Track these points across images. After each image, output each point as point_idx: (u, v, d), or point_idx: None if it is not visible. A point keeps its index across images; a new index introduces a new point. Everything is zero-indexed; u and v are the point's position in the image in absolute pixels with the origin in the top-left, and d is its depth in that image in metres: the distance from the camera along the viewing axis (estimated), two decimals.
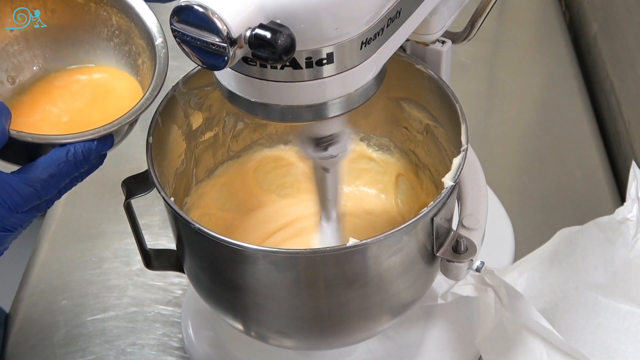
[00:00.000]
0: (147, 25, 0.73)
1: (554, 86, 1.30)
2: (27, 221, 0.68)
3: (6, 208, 0.65)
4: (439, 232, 0.72)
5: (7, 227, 0.66)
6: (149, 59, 0.74)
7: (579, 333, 0.87)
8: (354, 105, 0.66)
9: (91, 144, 0.69)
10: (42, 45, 0.75)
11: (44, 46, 0.75)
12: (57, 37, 0.75)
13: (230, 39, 0.56)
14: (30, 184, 0.66)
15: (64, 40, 0.76)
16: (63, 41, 0.76)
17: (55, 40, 0.75)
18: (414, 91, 0.84)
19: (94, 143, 0.69)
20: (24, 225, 0.68)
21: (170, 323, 0.98)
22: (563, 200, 1.10)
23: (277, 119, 0.65)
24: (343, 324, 0.76)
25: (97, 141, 0.69)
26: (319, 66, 0.61)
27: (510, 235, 1.03)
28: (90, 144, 0.69)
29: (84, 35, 0.76)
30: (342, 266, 0.70)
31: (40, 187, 0.66)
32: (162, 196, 0.71)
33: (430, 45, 0.82)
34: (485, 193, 0.78)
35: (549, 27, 1.40)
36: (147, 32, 0.73)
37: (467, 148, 0.73)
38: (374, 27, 0.62)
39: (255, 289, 0.73)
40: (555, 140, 1.20)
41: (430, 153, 0.88)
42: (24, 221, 0.68)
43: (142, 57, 0.76)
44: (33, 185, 0.66)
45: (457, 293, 0.86)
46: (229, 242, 0.67)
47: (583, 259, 0.90)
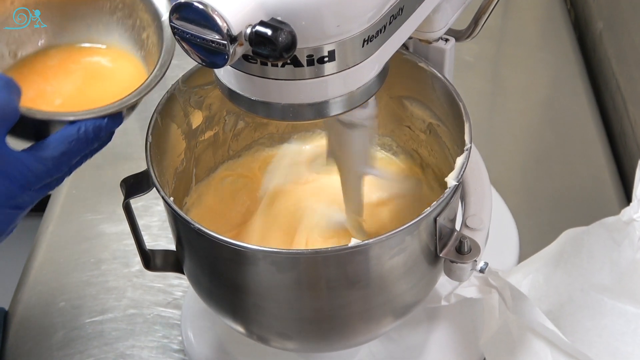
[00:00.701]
0: (152, 0, 0.74)
1: (559, 84, 1.30)
2: (37, 199, 0.68)
3: (18, 185, 0.65)
4: (442, 232, 0.72)
5: (19, 205, 0.67)
6: (155, 34, 0.74)
7: (585, 335, 0.87)
8: (355, 103, 0.66)
9: (101, 121, 0.68)
10: (43, 20, 0.75)
11: (45, 20, 0.75)
12: (59, 11, 0.75)
13: (231, 37, 0.56)
14: (42, 161, 0.66)
15: (65, 14, 0.76)
16: (65, 15, 0.76)
17: (57, 14, 0.75)
18: (417, 90, 0.84)
19: (104, 120, 0.69)
20: (34, 203, 0.68)
21: (170, 325, 0.98)
22: (568, 201, 1.10)
23: (278, 117, 0.65)
24: (345, 326, 0.76)
25: (107, 118, 0.69)
26: (320, 64, 0.61)
27: (515, 236, 1.03)
28: (100, 121, 0.68)
29: (86, 9, 0.76)
30: (344, 267, 0.70)
31: (52, 165, 0.67)
32: (162, 196, 0.71)
33: (434, 43, 0.82)
34: (489, 193, 0.78)
35: (554, 24, 1.40)
36: (153, 7, 0.73)
37: (470, 147, 0.73)
38: (376, 25, 0.62)
39: (256, 290, 0.73)
40: (560, 140, 1.20)
41: (434, 152, 0.88)
42: (35, 199, 0.68)
43: (146, 32, 0.75)
44: (45, 163, 0.66)
45: (461, 294, 0.86)
46: (229, 242, 0.67)
47: (589, 260, 0.90)
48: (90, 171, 0.71)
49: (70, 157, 0.68)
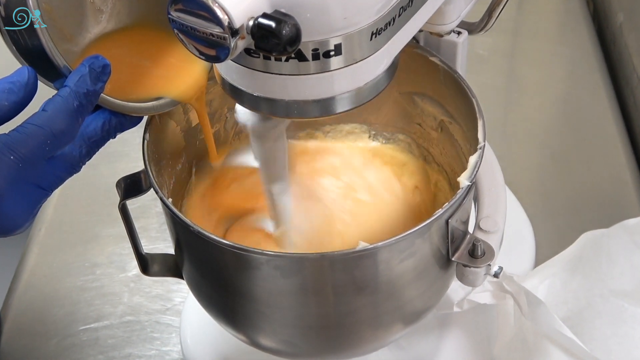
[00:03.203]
0: None
1: (577, 80, 1.30)
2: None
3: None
4: (455, 235, 0.72)
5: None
6: None
7: (604, 343, 0.87)
8: (363, 100, 0.66)
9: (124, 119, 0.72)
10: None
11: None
12: None
13: (232, 29, 0.56)
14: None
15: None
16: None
17: None
18: (428, 85, 0.84)
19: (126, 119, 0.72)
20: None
21: (169, 333, 0.98)
22: (587, 202, 1.10)
23: (282, 114, 0.65)
24: (352, 333, 0.76)
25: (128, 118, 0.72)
26: (326, 58, 0.61)
27: (531, 239, 1.03)
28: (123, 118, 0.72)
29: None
30: (351, 271, 0.70)
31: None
32: (160, 197, 0.71)
33: (445, 36, 0.82)
34: (503, 194, 0.78)
35: (572, 16, 1.40)
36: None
37: (484, 146, 0.73)
38: (385, 17, 0.62)
39: (259, 296, 0.73)
40: (579, 138, 1.20)
41: (445, 151, 0.88)
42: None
43: None
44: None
45: (474, 300, 0.86)
46: (231, 245, 0.67)
47: (609, 264, 0.90)
48: (85, 171, 0.71)
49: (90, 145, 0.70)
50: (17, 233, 0.67)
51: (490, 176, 0.79)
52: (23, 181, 0.65)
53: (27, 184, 0.66)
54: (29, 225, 0.69)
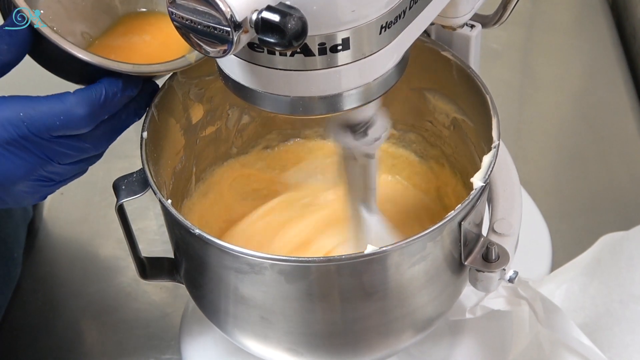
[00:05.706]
0: None
1: (595, 75, 1.30)
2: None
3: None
4: (468, 238, 0.72)
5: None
6: None
7: (624, 351, 0.87)
8: (372, 96, 0.66)
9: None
10: None
11: None
12: None
13: (235, 23, 0.55)
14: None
15: None
16: None
17: None
18: (440, 81, 0.84)
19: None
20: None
21: (168, 340, 0.98)
22: (606, 203, 1.10)
23: (287, 111, 0.65)
24: (361, 341, 0.76)
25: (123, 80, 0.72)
26: (333, 53, 0.61)
27: (547, 242, 1.03)
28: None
29: None
30: (359, 276, 0.70)
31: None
32: (159, 198, 0.71)
33: (458, 29, 0.82)
34: (518, 195, 0.78)
35: (590, 9, 1.40)
36: None
37: (498, 144, 0.73)
38: (394, 9, 0.62)
39: (262, 302, 0.73)
40: (597, 136, 1.20)
41: (458, 150, 0.88)
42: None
43: None
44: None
45: (488, 306, 0.86)
46: (233, 249, 0.67)
47: (628, 269, 0.90)
48: None
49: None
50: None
51: (505, 176, 0.79)
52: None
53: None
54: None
